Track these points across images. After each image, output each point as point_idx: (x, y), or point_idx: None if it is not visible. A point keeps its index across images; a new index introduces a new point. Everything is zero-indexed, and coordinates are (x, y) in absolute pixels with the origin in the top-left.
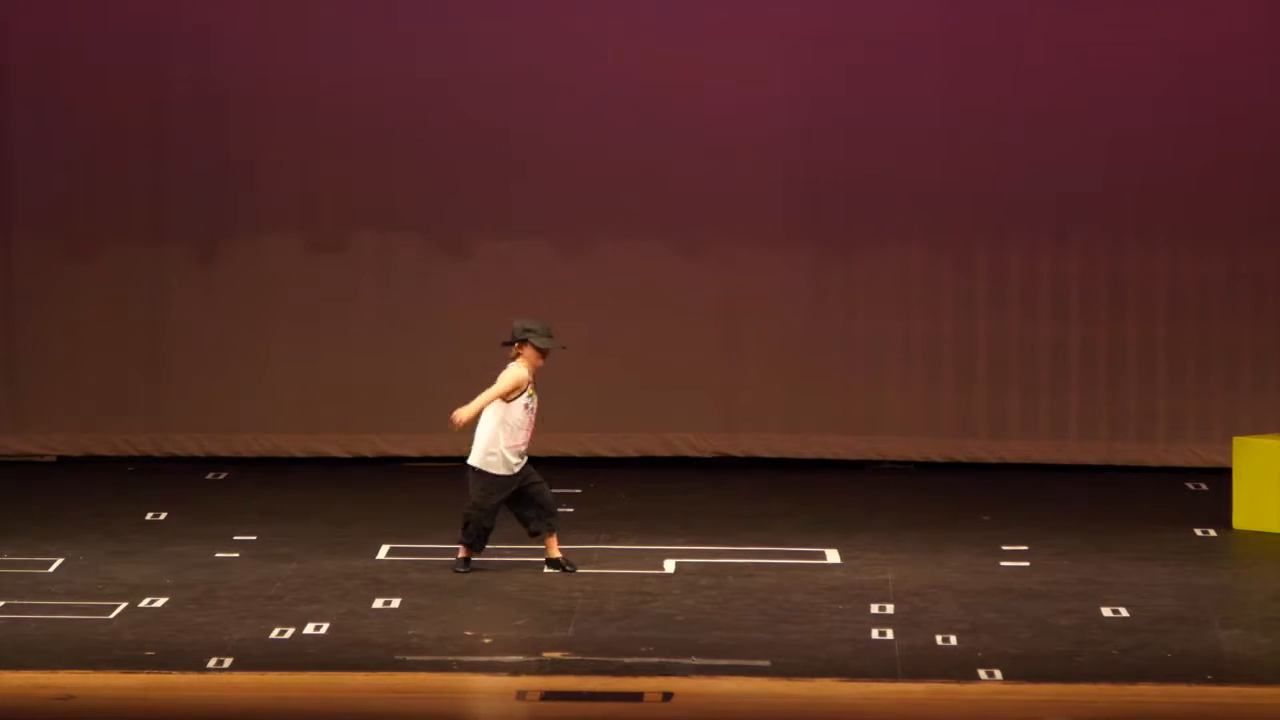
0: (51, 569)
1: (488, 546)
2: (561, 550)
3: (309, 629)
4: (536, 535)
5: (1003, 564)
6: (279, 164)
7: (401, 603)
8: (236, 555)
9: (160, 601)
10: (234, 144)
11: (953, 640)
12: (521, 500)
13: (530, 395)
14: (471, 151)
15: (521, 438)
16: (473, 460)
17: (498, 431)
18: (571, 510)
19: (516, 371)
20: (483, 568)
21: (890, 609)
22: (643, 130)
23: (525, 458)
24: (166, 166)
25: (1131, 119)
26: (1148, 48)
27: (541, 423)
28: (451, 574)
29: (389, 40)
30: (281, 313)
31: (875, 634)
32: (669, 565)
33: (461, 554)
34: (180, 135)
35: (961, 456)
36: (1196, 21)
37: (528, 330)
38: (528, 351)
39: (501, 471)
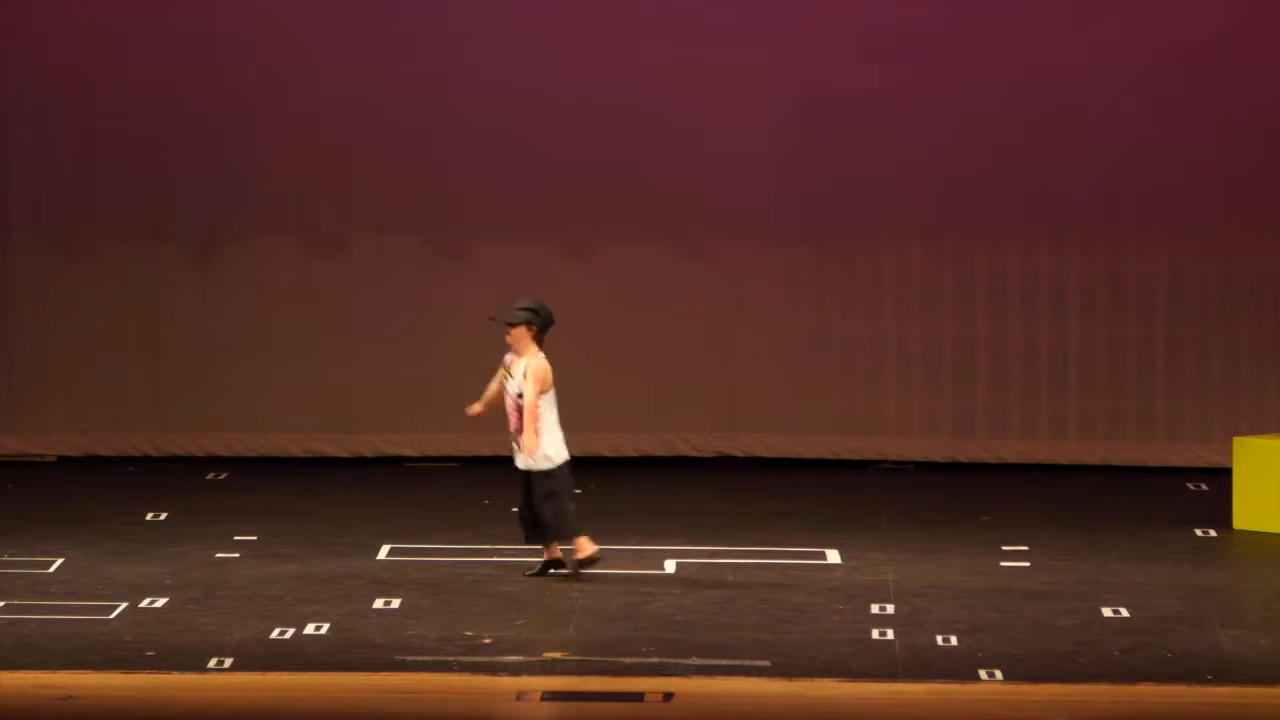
0: (52, 569)
1: (482, 547)
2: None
3: (309, 629)
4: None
5: (1003, 564)
6: (278, 166)
7: (402, 603)
8: (237, 555)
9: (161, 602)
10: (233, 146)
11: (953, 640)
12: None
13: (505, 375)
14: (470, 154)
15: (510, 422)
16: None
17: None
18: (571, 510)
19: None
20: (482, 567)
21: (891, 609)
22: (642, 131)
23: (520, 450)
24: (165, 168)
25: (1130, 119)
26: (1147, 48)
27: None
28: (453, 574)
29: (388, 42)
30: (281, 313)
31: (876, 634)
32: (670, 565)
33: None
34: (179, 137)
35: (962, 457)
36: (1195, 21)
37: None
38: None
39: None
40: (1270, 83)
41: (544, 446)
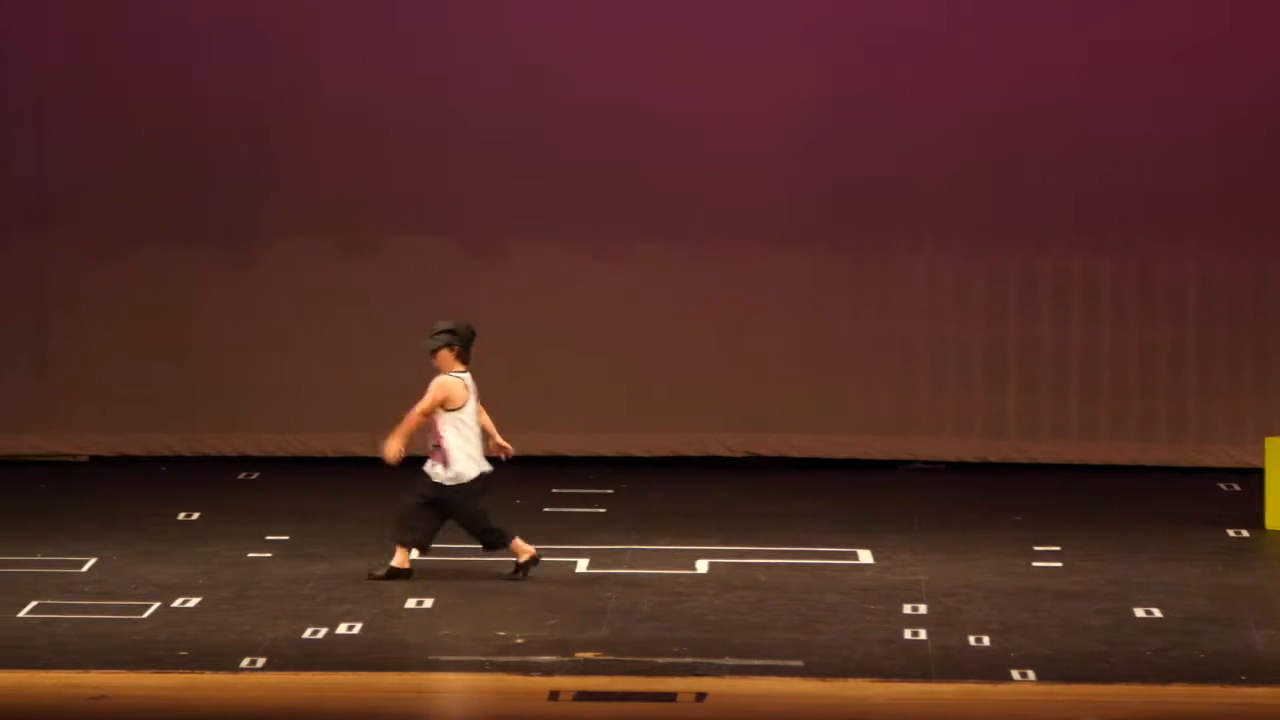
0: (84, 569)
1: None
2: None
3: (342, 629)
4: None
5: (1035, 564)
6: (310, 167)
7: (434, 603)
8: (269, 555)
9: (193, 601)
10: (265, 147)
11: (985, 641)
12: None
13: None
14: (500, 156)
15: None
16: None
17: None
18: (604, 511)
19: None
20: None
21: (923, 609)
22: (670, 133)
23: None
24: (198, 168)
25: (1163, 120)
26: (1181, 48)
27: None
28: (485, 574)
29: (421, 44)
30: (312, 313)
31: (908, 634)
32: (702, 565)
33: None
34: (211, 138)
35: (993, 457)
36: (1232, 22)
37: None
38: None
39: None
40: None
41: (454, 464)
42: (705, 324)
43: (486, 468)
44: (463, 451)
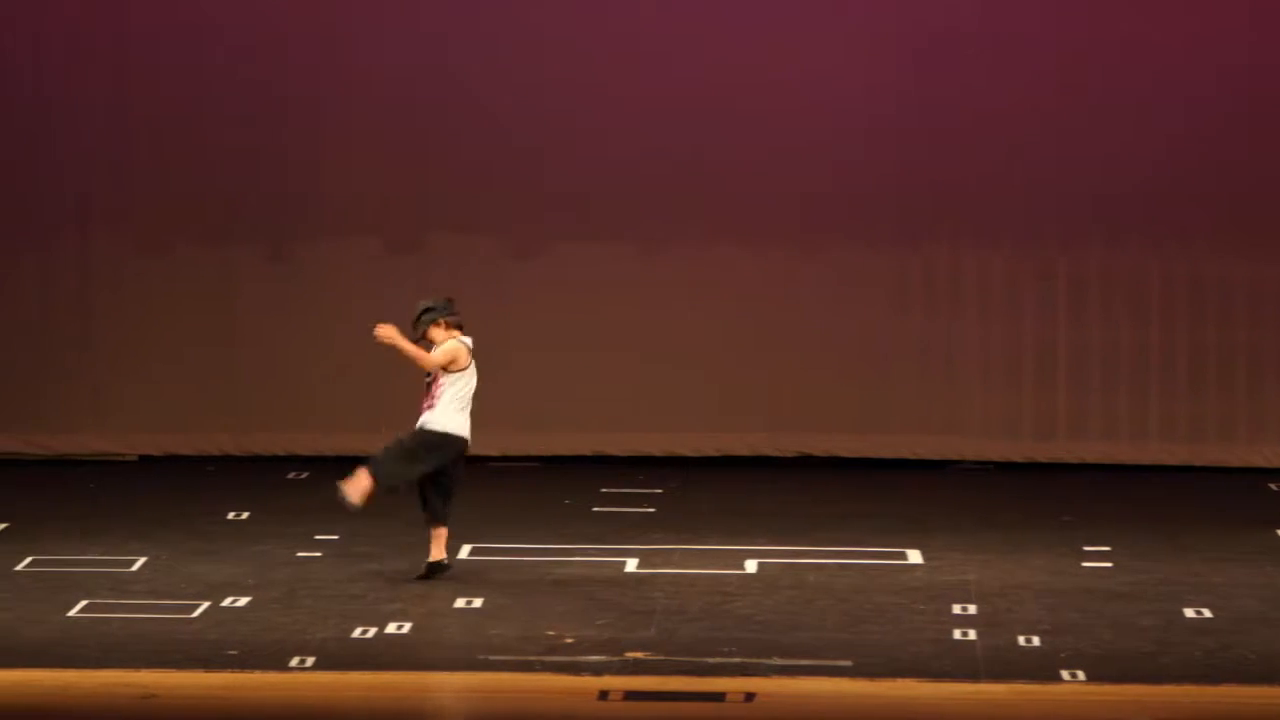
0: (134, 568)
1: (563, 546)
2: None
3: (391, 628)
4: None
5: (1084, 565)
6: (353, 165)
7: (483, 602)
8: (318, 555)
9: (243, 601)
10: (309, 146)
11: (1035, 641)
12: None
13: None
14: (541, 154)
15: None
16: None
17: None
18: (653, 510)
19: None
20: (564, 566)
21: (972, 609)
22: (723, 132)
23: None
24: (243, 167)
25: (1215, 121)
26: (1231, 49)
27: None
28: (534, 573)
29: (459, 44)
30: (359, 312)
31: (957, 634)
32: (750, 565)
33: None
34: (256, 137)
35: (1042, 457)
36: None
37: None
38: None
39: None
40: None
41: (439, 413)
42: (755, 323)
43: (466, 436)
44: (453, 407)
